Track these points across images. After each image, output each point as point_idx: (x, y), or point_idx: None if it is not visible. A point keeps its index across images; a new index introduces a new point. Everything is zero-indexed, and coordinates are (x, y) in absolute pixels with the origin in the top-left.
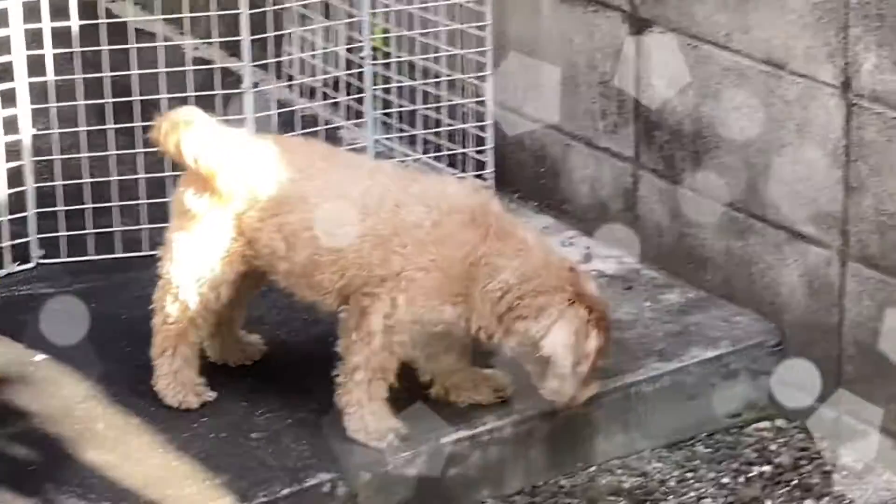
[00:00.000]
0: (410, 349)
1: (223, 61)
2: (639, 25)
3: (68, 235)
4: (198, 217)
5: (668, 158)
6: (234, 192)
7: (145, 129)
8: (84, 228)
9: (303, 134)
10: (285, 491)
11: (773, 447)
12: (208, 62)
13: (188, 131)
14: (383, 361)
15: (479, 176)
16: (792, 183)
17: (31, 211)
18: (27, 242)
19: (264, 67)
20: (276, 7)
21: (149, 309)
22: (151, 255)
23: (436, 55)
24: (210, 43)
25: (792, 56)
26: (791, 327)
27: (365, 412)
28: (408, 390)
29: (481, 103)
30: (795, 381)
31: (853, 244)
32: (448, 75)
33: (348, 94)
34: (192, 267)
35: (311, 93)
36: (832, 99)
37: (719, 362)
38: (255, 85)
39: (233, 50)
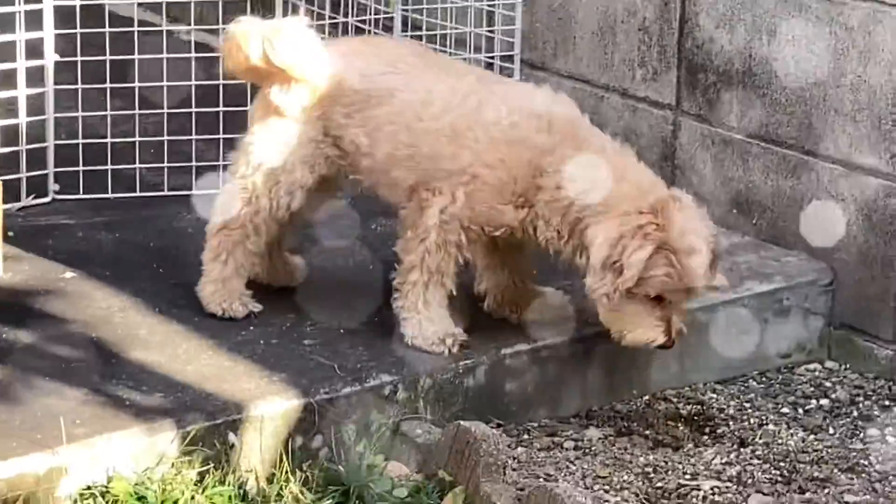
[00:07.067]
0: (466, 253)
1: None
2: None
3: (85, 171)
4: (282, 114)
5: (713, 102)
6: (316, 79)
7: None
8: (104, 164)
9: None
10: (346, 390)
11: (827, 384)
12: None
13: (248, 38)
14: (439, 262)
15: None
16: (851, 114)
17: (51, 142)
18: (44, 176)
19: None
20: None
21: (180, 239)
22: (172, 196)
23: None
24: None
25: None
26: (844, 265)
27: (422, 318)
28: (463, 306)
29: (508, 59)
30: (848, 321)
31: None
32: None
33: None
34: (270, 170)
35: None
36: None
37: (773, 297)
38: None
39: None
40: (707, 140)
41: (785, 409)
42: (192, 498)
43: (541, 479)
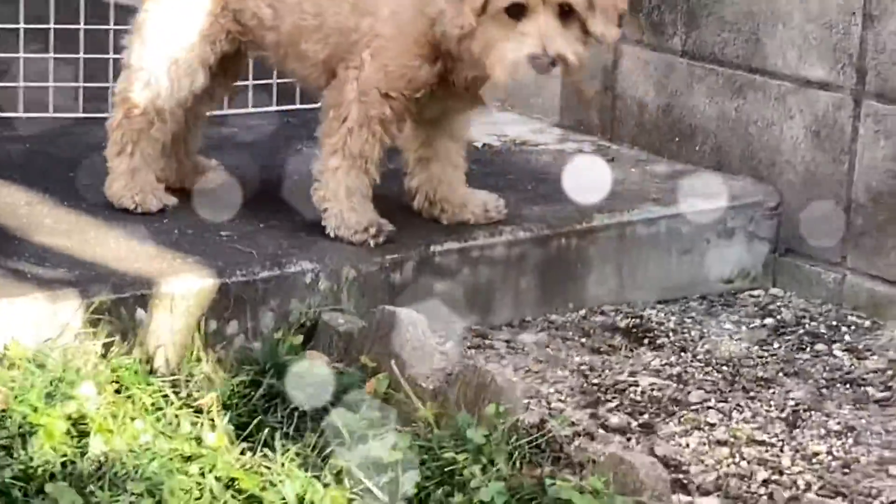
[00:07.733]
0: (393, 130)
1: None
2: None
3: None
4: None
5: (657, 25)
6: None
7: None
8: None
9: None
10: (264, 274)
11: (772, 307)
12: None
13: None
14: (362, 144)
15: None
16: (801, 24)
17: None
18: None
19: None
20: None
21: (93, 152)
22: (87, 118)
23: None
24: None
25: None
26: (792, 187)
27: (343, 207)
28: (390, 205)
29: None
30: (794, 246)
31: (870, 80)
32: None
33: None
34: (168, 47)
35: None
36: None
37: (715, 216)
38: None
39: None
40: (649, 66)
41: (728, 326)
42: (95, 367)
43: None
